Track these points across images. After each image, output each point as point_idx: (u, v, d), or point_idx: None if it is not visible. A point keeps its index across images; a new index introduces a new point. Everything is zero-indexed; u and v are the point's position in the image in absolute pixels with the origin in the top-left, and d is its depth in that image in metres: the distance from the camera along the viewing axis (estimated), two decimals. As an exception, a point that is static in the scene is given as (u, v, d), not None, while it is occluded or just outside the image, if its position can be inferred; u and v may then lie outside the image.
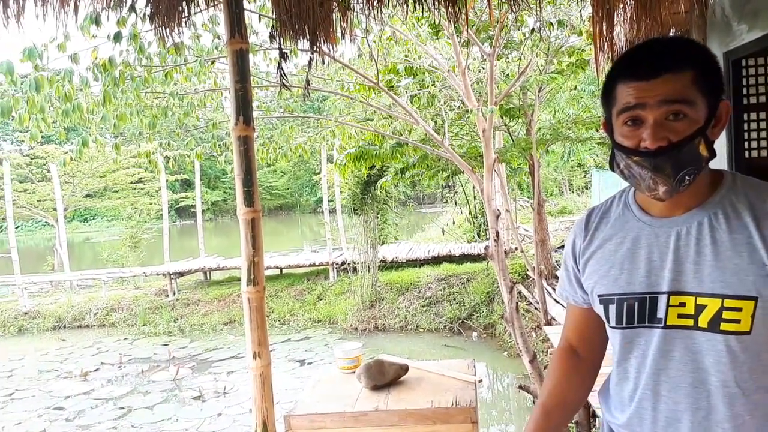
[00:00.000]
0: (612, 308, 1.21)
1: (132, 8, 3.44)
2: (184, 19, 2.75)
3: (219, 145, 6.68)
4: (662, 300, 1.14)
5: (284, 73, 2.84)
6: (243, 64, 2.23)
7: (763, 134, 3.87)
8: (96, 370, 9.30)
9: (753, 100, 3.88)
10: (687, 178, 1.07)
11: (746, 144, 3.93)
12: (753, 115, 3.89)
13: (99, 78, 4.87)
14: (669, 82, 1.05)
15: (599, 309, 1.25)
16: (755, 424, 1.08)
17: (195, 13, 2.87)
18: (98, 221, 36.89)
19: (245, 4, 2.74)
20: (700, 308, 1.09)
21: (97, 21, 3.97)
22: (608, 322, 1.23)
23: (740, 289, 1.05)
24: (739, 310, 1.05)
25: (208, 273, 13.88)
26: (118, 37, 4.30)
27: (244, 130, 2.21)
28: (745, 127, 3.92)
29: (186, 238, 26.59)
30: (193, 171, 16.52)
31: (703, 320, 1.09)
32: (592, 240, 1.29)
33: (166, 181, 16.57)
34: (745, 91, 3.90)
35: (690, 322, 1.10)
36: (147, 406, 7.56)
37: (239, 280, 2.27)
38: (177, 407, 7.49)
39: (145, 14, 2.94)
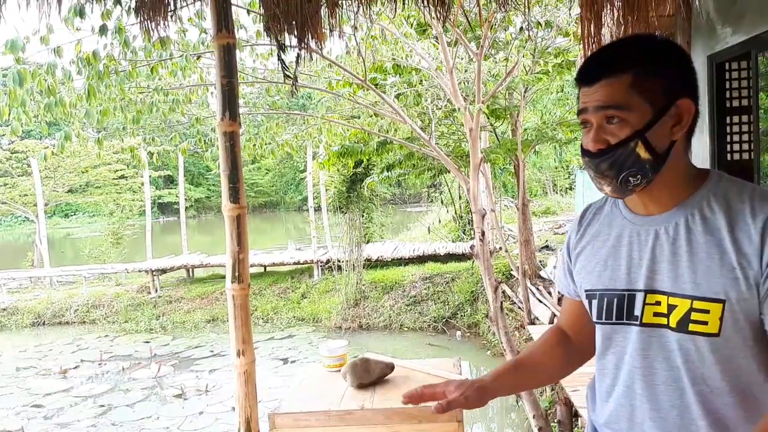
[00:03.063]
0: (595, 303, 1.23)
1: (117, 1, 3.40)
2: (170, 13, 2.71)
3: (204, 141, 6.62)
4: (639, 298, 1.15)
5: (285, 65, 2.81)
6: (230, 59, 2.21)
7: (744, 137, 3.92)
8: (76, 367, 9.17)
9: (736, 103, 3.92)
10: (631, 179, 1.09)
11: (729, 146, 3.98)
12: (735, 118, 3.94)
13: (83, 72, 4.80)
14: (604, 88, 1.09)
15: (585, 303, 1.28)
16: (729, 423, 1.09)
17: (181, 7, 2.83)
18: (80, 217, 36.39)
19: (233, -1, 2.72)
20: (671, 308, 1.10)
21: (81, 13, 3.90)
22: (592, 317, 1.26)
23: (708, 291, 1.06)
24: (707, 312, 1.06)
25: (191, 270, 13.77)
26: (102, 30, 4.24)
27: (230, 126, 2.18)
28: (728, 129, 3.97)
29: (169, 235, 26.35)
30: (177, 167, 16.37)
31: (673, 320, 1.10)
32: (583, 235, 1.32)
33: (149, 177, 16.41)
34: (728, 94, 3.94)
35: (664, 321, 1.12)
36: (127, 403, 7.48)
37: (222, 277, 2.25)
38: (158, 405, 7.41)
39: (130, 7, 2.91)
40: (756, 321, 1.06)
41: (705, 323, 1.07)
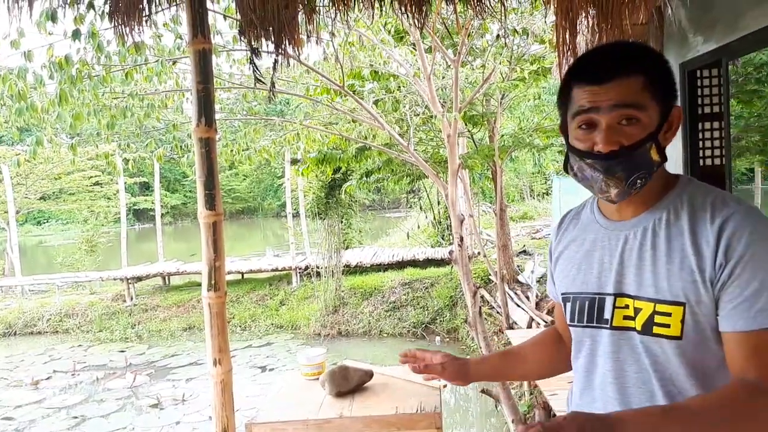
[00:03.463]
0: (569, 306, 1.25)
1: (90, 5, 3.34)
2: (144, 18, 2.68)
3: (180, 147, 6.55)
4: (609, 301, 1.16)
5: (258, 70, 2.79)
6: (205, 64, 2.18)
7: (716, 143, 4.00)
8: (48, 378, 8.97)
9: (707, 109, 4.00)
10: (638, 181, 1.09)
11: (701, 152, 4.05)
12: (707, 125, 4.02)
13: (54, 76, 4.71)
14: (621, 87, 1.06)
15: (562, 307, 1.29)
16: None
17: (156, 12, 2.80)
18: (53, 224, 35.69)
19: (209, 4, 2.69)
20: (637, 311, 1.12)
21: (53, 17, 3.84)
22: (566, 320, 1.27)
23: (669, 295, 1.08)
24: (669, 315, 1.07)
25: (167, 278, 13.59)
26: (76, 34, 4.17)
27: (206, 132, 2.16)
28: (700, 135, 4.04)
29: (144, 242, 26.00)
30: (153, 174, 16.16)
31: (639, 323, 1.12)
32: (561, 240, 1.34)
33: (125, 183, 16.18)
34: (700, 101, 4.02)
35: (632, 324, 1.13)
36: (102, 414, 7.34)
37: (199, 285, 2.22)
38: (133, 415, 7.29)
39: (104, 12, 2.86)
40: (715, 323, 1.08)
41: (668, 326, 1.08)
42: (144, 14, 2.63)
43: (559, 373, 1.49)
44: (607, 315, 1.17)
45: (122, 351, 10.32)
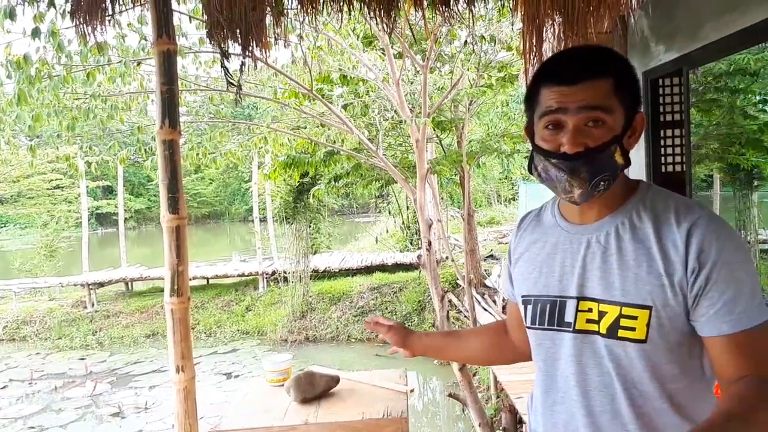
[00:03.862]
0: (530, 308, 1.25)
1: (51, 3, 3.25)
2: (107, 18, 2.62)
3: (144, 149, 6.42)
4: (571, 304, 1.17)
5: (229, 72, 2.74)
6: (170, 65, 2.14)
7: (677, 150, 4.10)
8: (3, 387, 8.69)
9: (669, 117, 4.10)
10: (602, 183, 1.09)
11: (663, 158, 4.15)
12: (669, 132, 4.12)
13: (13, 75, 4.57)
14: (590, 89, 1.07)
15: (521, 309, 1.29)
16: (660, 428, 1.12)
17: (120, 12, 2.74)
18: (10, 229, 34.58)
19: (174, 5, 2.64)
20: (602, 314, 1.12)
21: (11, 15, 3.73)
22: (526, 322, 1.27)
23: (636, 298, 1.08)
24: (635, 318, 1.08)
25: (130, 283, 13.31)
26: (35, 33, 4.05)
27: (169, 134, 2.11)
28: (662, 142, 4.14)
29: (107, 247, 25.42)
30: (116, 177, 15.82)
31: (603, 327, 1.12)
32: (521, 242, 1.34)
33: (87, 187, 15.79)
34: (662, 109, 4.12)
35: (595, 328, 1.13)
36: (60, 424, 7.13)
37: (163, 290, 2.17)
38: (93, 425, 7.10)
39: (65, 10, 2.79)
40: (680, 327, 1.09)
41: (633, 329, 1.09)
42: (107, 14, 2.56)
43: (499, 363, 1.60)
44: (569, 318, 1.17)
45: (82, 359, 10.05)
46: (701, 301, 1.06)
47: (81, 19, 2.54)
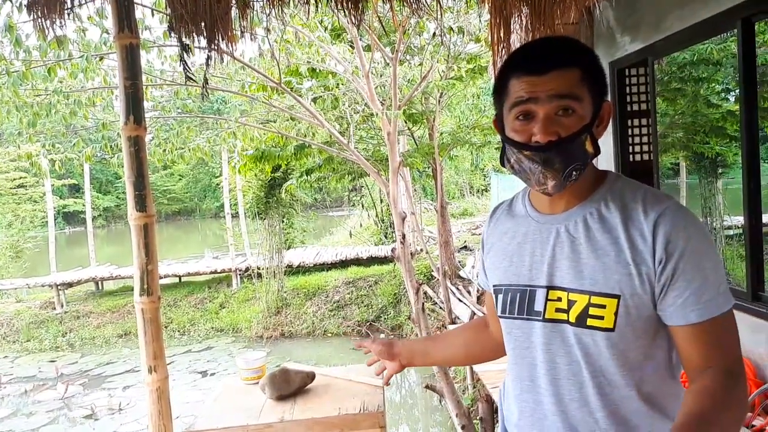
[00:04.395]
0: (500, 297, 1.26)
1: (7, -3, 3.15)
2: (67, 11, 2.54)
3: (111, 146, 6.28)
4: (541, 293, 1.18)
5: (188, 66, 2.69)
6: (133, 60, 2.09)
7: (644, 139, 4.17)
8: (-30, 393, 8.46)
9: (636, 107, 4.17)
10: (574, 173, 1.10)
11: (630, 148, 4.21)
12: (636, 121, 4.18)
13: (-32, 72, 4.43)
14: (559, 78, 1.07)
15: (493, 298, 1.30)
16: (627, 416, 1.14)
17: (80, 5, 2.66)
18: (-27, 230, 33.67)
19: (136, -3, 2.58)
20: (571, 303, 1.14)
21: (-35, 9, 3.60)
22: (497, 311, 1.28)
23: (605, 287, 1.10)
24: (603, 307, 1.10)
25: (100, 283, 13.06)
26: (-9, 27, 3.92)
27: (134, 130, 2.07)
28: (629, 132, 4.21)
29: (75, 247, 24.89)
30: (82, 175, 15.47)
31: (572, 315, 1.13)
32: (493, 232, 1.35)
33: (52, 185, 15.41)
34: (628, 99, 4.18)
35: (564, 317, 1.15)
36: (31, 428, 6.98)
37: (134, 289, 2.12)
38: (66, 428, 6.97)
39: (21, 3, 2.69)
40: (647, 316, 1.11)
41: (601, 318, 1.10)
42: (66, 7, 2.49)
43: (485, 360, 1.58)
44: (538, 307, 1.18)
45: (53, 361, 9.84)
46: (669, 290, 1.08)
47: (39, 13, 2.47)
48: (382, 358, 1.58)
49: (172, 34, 2.43)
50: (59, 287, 12.04)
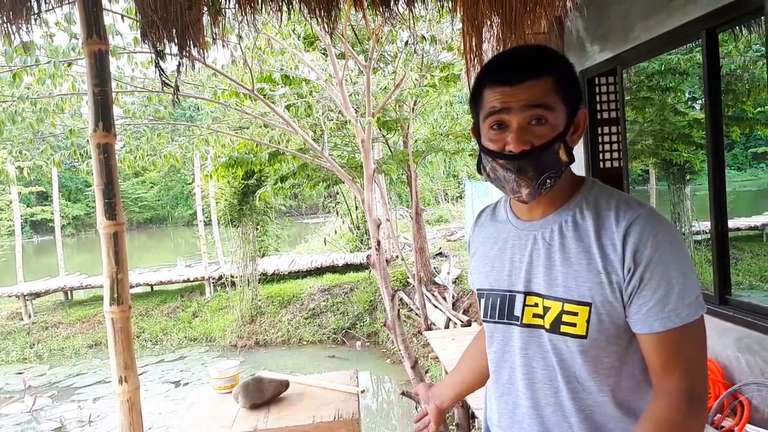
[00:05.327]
0: (483, 302, 1.28)
1: (-29, 1, 3.07)
2: (33, 16, 2.50)
3: (80, 153, 6.16)
4: (519, 299, 1.20)
5: (164, 73, 2.66)
6: (102, 66, 2.07)
7: (614, 146, 4.24)
8: (-67, 407, 8.19)
9: (606, 115, 4.24)
10: (548, 181, 1.11)
11: (601, 155, 4.28)
12: (606, 129, 4.26)
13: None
14: (532, 88, 1.09)
15: (478, 302, 1.33)
16: (600, 420, 1.15)
17: (47, 11, 2.62)
18: (-64, 239, 32.70)
19: (105, 4, 2.55)
20: (546, 309, 1.15)
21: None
22: (480, 315, 1.30)
23: (577, 295, 1.12)
24: (576, 314, 1.11)
25: (69, 292, 12.78)
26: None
27: (104, 137, 2.04)
28: (600, 139, 4.28)
29: (44, 256, 24.34)
30: (51, 182, 15.15)
31: (547, 321, 1.15)
32: (477, 237, 1.37)
33: (19, 193, 15.06)
34: (598, 107, 4.25)
35: (540, 322, 1.17)
36: (-3, 443, 6.79)
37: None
38: (34, 442, 6.79)
39: (-14, 8, 2.64)
40: (619, 323, 1.12)
41: (574, 325, 1.12)
42: (32, 12, 2.45)
43: None
44: (517, 312, 1.20)
45: (20, 373, 9.59)
46: (635, 299, 1.09)
47: (4, 18, 2.42)
48: (423, 401, 1.58)
49: (145, 41, 2.40)
50: (27, 297, 11.76)
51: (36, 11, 2.45)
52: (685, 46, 3.95)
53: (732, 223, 3.54)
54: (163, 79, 2.56)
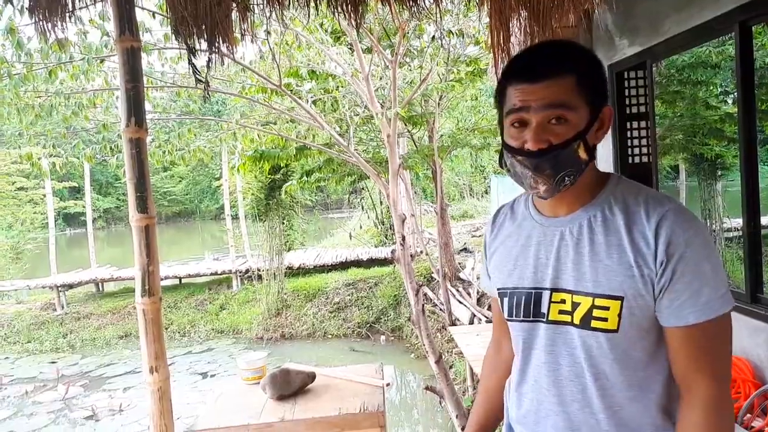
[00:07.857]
0: (506, 301, 1.27)
1: (8, 0, 3.16)
2: (68, 14, 2.56)
3: (111, 147, 6.29)
4: (545, 296, 1.20)
5: (197, 69, 2.70)
6: (134, 62, 2.11)
7: (643, 141, 4.18)
8: (-29, 394, 8.47)
9: (635, 110, 4.18)
10: (566, 179, 1.12)
11: (629, 150, 4.22)
12: (635, 124, 4.19)
13: (-31, 74, 4.44)
14: (552, 87, 1.09)
15: (499, 301, 1.32)
16: (627, 417, 1.15)
17: (81, 8, 2.68)
18: (-27, 232, 33.66)
19: (137, 1, 2.60)
20: (575, 305, 1.15)
21: (-34, 12, 3.62)
22: (504, 314, 1.29)
23: (608, 289, 1.11)
24: (607, 309, 1.11)
25: (100, 284, 13.07)
26: (-7, 30, 3.94)
27: (136, 132, 2.09)
28: (628, 134, 4.21)
29: (76, 248, 24.92)
30: (83, 176, 15.49)
31: (577, 317, 1.15)
32: (497, 236, 1.36)
33: (53, 187, 15.42)
34: (627, 102, 4.19)
35: (568, 319, 1.16)
36: (32, 429, 6.98)
37: (134, 290, 2.14)
38: (67, 428, 6.97)
39: (23, 7, 2.71)
40: (650, 317, 1.12)
41: (605, 320, 1.12)
42: (67, 10, 2.51)
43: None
44: (543, 309, 1.20)
45: (53, 362, 9.85)
46: (667, 292, 1.09)
47: (40, 16, 2.48)
48: None
49: (177, 38, 2.44)
50: (60, 288, 12.05)
51: (70, 9, 2.51)
52: (717, 39, 3.86)
53: (765, 220, 3.46)
54: (197, 75, 2.60)
